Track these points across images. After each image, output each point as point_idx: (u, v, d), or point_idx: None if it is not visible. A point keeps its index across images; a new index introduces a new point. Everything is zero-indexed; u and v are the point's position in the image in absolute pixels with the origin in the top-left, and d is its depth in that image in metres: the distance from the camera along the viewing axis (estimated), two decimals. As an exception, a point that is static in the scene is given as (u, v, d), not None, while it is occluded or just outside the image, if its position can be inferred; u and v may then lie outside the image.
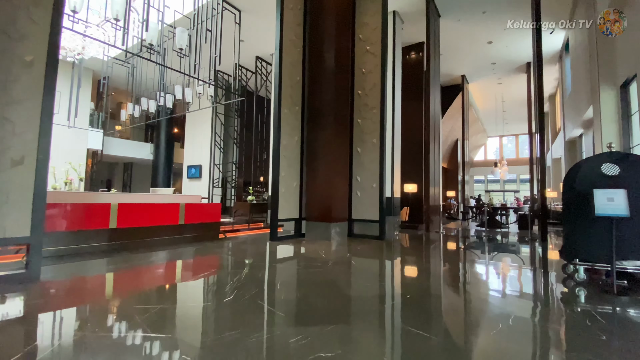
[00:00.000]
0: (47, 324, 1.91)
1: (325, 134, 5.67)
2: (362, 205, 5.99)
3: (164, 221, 4.91)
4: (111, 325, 1.80)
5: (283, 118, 5.51)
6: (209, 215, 5.60)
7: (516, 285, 3.04)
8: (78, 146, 14.12)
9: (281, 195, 5.44)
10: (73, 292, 2.60)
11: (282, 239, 5.45)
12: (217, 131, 13.26)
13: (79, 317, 2.04)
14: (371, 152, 5.95)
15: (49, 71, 2.85)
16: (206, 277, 3.02)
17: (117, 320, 1.90)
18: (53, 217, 3.75)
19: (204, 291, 2.50)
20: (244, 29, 9.92)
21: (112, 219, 4.31)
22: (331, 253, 4.33)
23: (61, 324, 1.94)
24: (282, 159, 5.46)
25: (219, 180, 12.99)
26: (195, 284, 2.67)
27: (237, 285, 2.63)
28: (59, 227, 3.80)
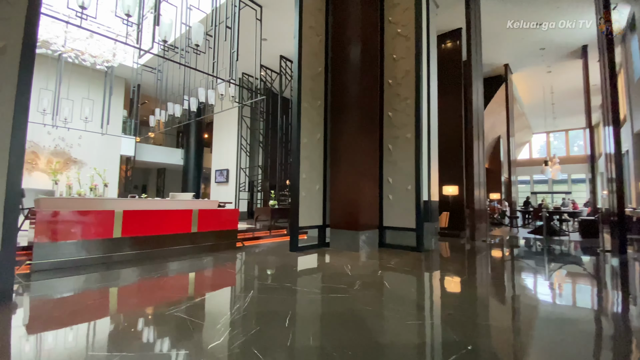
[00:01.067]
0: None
1: (351, 130, 4.99)
2: (394, 211, 5.21)
3: (174, 229, 4.49)
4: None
5: (303, 114, 4.92)
6: (226, 222, 5.12)
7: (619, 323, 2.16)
8: (111, 153, 14.57)
9: (302, 199, 4.83)
10: (42, 320, 2.14)
11: (303, 250, 4.83)
12: (243, 134, 13.04)
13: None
14: (405, 149, 5.17)
15: (25, 60, 2.46)
16: (200, 305, 2.45)
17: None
18: (49, 226, 3.42)
19: (188, 328, 1.93)
20: (266, 27, 9.53)
21: (117, 228, 3.94)
22: (359, 268, 3.62)
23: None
24: (302, 160, 4.85)
25: (245, 184, 12.72)
26: (178, 319, 2.11)
27: (235, 320, 2.03)
28: (55, 237, 3.45)
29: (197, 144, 16.41)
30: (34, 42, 2.49)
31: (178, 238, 4.51)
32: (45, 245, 3.38)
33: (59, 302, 2.50)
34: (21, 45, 2.45)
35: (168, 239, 4.41)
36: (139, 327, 1.94)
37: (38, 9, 2.54)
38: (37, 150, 12.77)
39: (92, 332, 1.93)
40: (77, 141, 13.60)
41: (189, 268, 3.69)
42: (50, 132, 12.57)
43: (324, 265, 3.94)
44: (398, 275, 3.43)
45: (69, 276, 3.17)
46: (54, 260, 3.42)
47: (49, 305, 2.43)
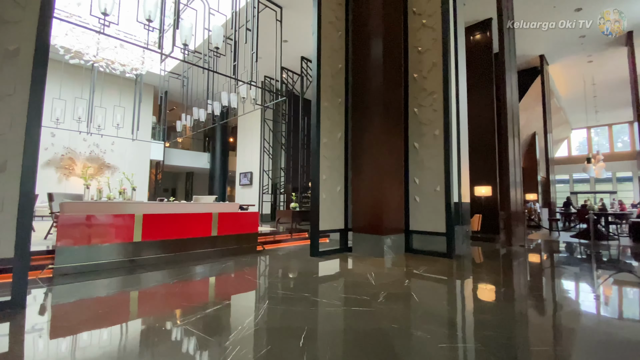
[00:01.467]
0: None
1: (373, 128, 4.71)
2: (422, 214, 4.86)
3: (194, 233, 4.42)
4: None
5: (323, 112, 4.71)
6: (246, 226, 5.01)
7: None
8: (141, 158, 15.10)
9: (322, 202, 4.61)
10: (51, 326, 2.07)
11: (324, 255, 4.61)
12: (265, 137, 13.07)
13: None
14: (432, 146, 4.82)
15: (38, 62, 2.43)
16: (211, 317, 2.29)
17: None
18: (70, 230, 3.43)
19: (194, 345, 1.76)
20: (287, 29, 9.47)
21: (137, 232, 3.91)
22: (383, 277, 3.34)
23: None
24: (322, 160, 4.64)
25: (268, 186, 12.72)
26: (186, 333, 1.96)
27: (245, 336, 1.84)
28: (76, 241, 3.46)
29: (222, 148, 16.71)
30: (46, 45, 2.46)
31: (198, 242, 4.44)
32: (66, 249, 3.39)
33: (67, 309, 2.44)
34: (34, 48, 2.42)
35: (188, 242, 4.35)
36: (141, 342, 1.80)
37: (50, 12, 2.51)
38: (74, 157, 13.48)
39: (91, 344, 1.82)
40: (110, 147, 14.20)
41: (206, 274, 3.57)
42: (86, 138, 13.20)
43: (345, 272, 3.69)
44: (427, 286, 3.12)
45: (86, 281, 3.15)
46: (75, 265, 3.42)
47: (59, 311, 2.37)
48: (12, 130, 2.31)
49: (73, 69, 12.46)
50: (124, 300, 2.65)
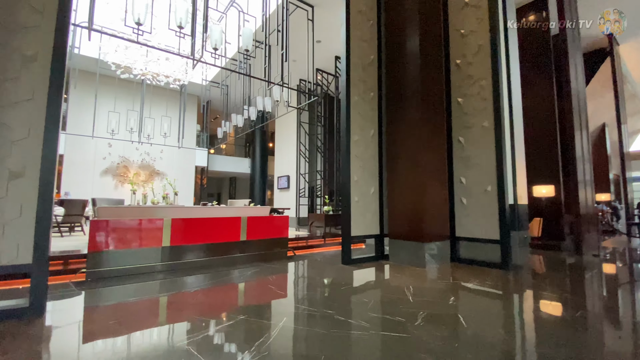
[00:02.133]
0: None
1: (411, 123, 4.24)
2: (470, 218, 4.27)
3: (223, 237, 4.31)
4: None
5: (353, 108, 4.35)
6: (276, 230, 4.80)
7: None
8: (187, 164, 15.87)
9: (354, 205, 4.23)
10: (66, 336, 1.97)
11: (357, 263, 4.22)
12: (301, 140, 12.98)
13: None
14: (480, 141, 4.22)
15: (56, 67, 2.41)
16: (219, 335, 2.05)
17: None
18: (100, 234, 3.46)
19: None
20: (319, 28, 9.25)
21: (165, 236, 3.87)
22: (424, 291, 2.88)
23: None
24: (353, 159, 4.27)
25: (304, 189, 12.58)
26: (185, 355, 1.73)
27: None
28: (107, 246, 3.48)
29: (261, 153, 17.04)
30: (64, 50, 2.44)
31: (227, 247, 4.32)
32: (97, 254, 3.43)
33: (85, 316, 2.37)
34: (51, 53, 2.40)
35: (217, 247, 4.24)
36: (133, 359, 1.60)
37: (68, 17, 2.48)
38: (128, 165, 14.56)
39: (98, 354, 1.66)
40: (160, 155, 15.10)
41: (229, 281, 3.39)
42: (138, 148, 14.17)
43: (379, 284, 3.28)
44: (478, 304, 2.60)
45: (113, 286, 3.12)
46: (105, 269, 3.44)
47: (75, 319, 2.30)
48: (30, 135, 2.30)
49: (125, 83, 13.48)
50: (136, 310, 2.53)
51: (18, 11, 2.31)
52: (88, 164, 13.61)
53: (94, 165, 13.66)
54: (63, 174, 13.17)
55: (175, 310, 2.49)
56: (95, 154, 13.64)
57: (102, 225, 3.48)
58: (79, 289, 3.07)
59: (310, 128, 13.18)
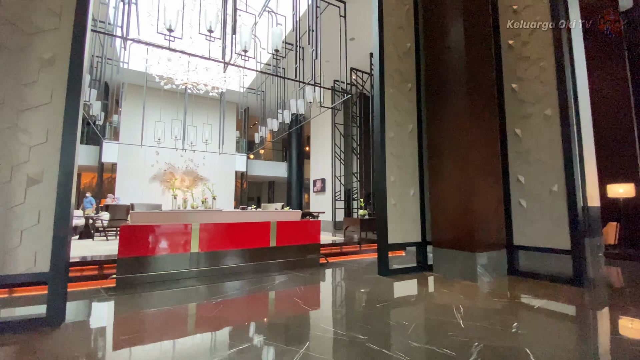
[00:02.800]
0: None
1: (456, 115, 3.72)
2: (532, 223, 3.62)
3: (252, 243, 4.12)
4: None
5: (388, 101, 3.93)
6: (307, 236, 4.52)
7: None
8: (227, 169, 16.34)
9: (391, 209, 3.80)
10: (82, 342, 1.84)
11: (396, 274, 3.77)
12: (336, 142, 12.68)
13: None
14: (542, 132, 3.57)
15: (74, 70, 2.35)
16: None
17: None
18: (129, 240, 3.42)
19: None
20: (353, 25, 8.92)
21: (194, 242, 3.77)
22: (477, 314, 2.38)
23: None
24: (389, 158, 3.85)
25: (340, 193, 12.23)
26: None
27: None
28: (136, 252, 3.44)
29: (297, 156, 17.06)
30: (82, 49, 2.38)
31: (256, 253, 4.12)
32: (127, 260, 3.40)
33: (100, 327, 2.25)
34: (69, 53, 2.35)
35: (245, 254, 4.06)
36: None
37: (85, 20, 2.43)
38: (174, 171, 15.35)
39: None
40: (202, 161, 15.70)
41: (254, 292, 3.16)
42: (182, 155, 14.87)
43: (422, 302, 2.82)
44: (549, 332, 2.06)
45: (139, 293, 3.04)
46: (134, 275, 3.40)
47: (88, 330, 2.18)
48: (48, 140, 2.25)
49: (169, 94, 14.24)
50: (151, 321, 2.36)
51: (35, 13, 2.28)
52: (138, 171, 14.54)
53: (143, 172, 14.56)
54: (117, 180, 14.23)
55: (189, 326, 2.29)
56: (144, 161, 14.53)
57: (131, 231, 3.45)
58: (108, 296, 3.03)
59: (346, 129, 12.83)
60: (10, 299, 2.91)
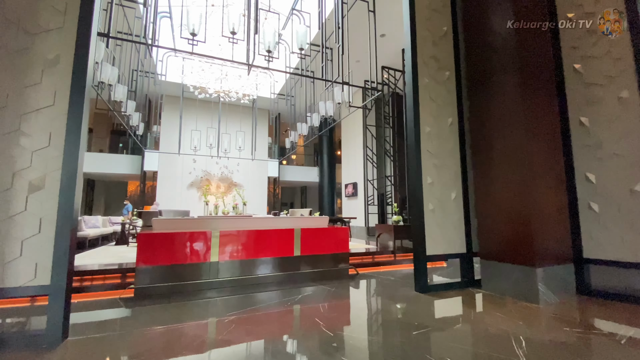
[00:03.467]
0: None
1: (505, 104, 3.17)
2: (605, 230, 2.94)
3: (274, 252, 3.84)
4: None
5: (422, 91, 3.47)
6: (335, 244, 4.15)
7: None
8: (260, 175, 16.48)
9: (429, 215, 3.31)
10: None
11: (437, 290, 3.26)
12: (368, 144, 12.19)
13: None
14: (618, 118, 2.90)
15: (78, 69, 2.23)
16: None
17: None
18: (147, 248, 3.29)
19: None
20: (382, 20, 8.50)
21: (213, 250, 3.56)
22: (545, 350, 1.86)
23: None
24: (425, 157, 3.37)
25: (373, 197, 11.69)
26: None
27: None
28: (153, 261, 3.30)
29: (329, 161, 16.81)
30: (87, 47, 2.25)
31: (278, 263, 3.83)
32: (145, 269, 3.26)
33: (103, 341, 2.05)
34: (73, 53, 2.23)
35: (267, 264, 3.78)
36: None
37: (90, 17, 2.30)
38: (210, 178, 15.77)
39: None
40: (236, 167, 15.98)
41: (271, 308, 2.84)
42: (218, 162, 15.24)
43: (470, 329, 2.32)
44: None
45: (154, 305, 2.86)
46: (151, 286, 3.25)
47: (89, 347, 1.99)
48: (51, 143, 2.13)
49: (204, 104, 14.68)
50: (155, 339, 2.13)
51: (39, 12, 2.18)
52: (177, 179, 15.12)
53: (181, 179, 15.11)
54: (157, 188, 14.91)
55: (191, 347, 2.02)
56: (182, 169, 15.08)
57: (149, 239, 3.32)
58: (125, 307, 2.89)
59: (378, 131, 12.30)
60: (15, 309, 2.86)
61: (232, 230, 3.73)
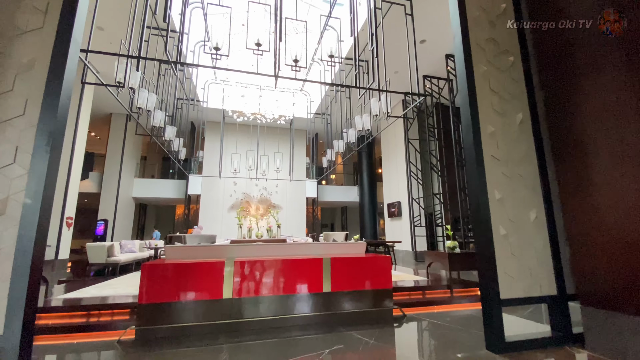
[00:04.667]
0: None
1: (606, 88, 2.29)
2: None
3: (298, 287, 3.18)
4: None
5: (480, 82, 2.70)
6: (374, 277, 3.38)
7: None
8: (298, 196, 16.15)
9: (501, 242, 2.44)
10: None
11: (517, 349, 2.32)
12: (411, 160, 11.24)
13: None
14: None
15: (54, 74, 1.89)
16: None
17: None
18: (151, 282, 2.84)
19: None
20: (422, 24, 7.82)
21: (227, 285, 3.02)
22: None
23: None
24: (490, 165, 2.55)
25: (420, 217, 10.58)
26: None
27: None
28: (157, 297, 2.83)
29: (369, 179, 16.02)
30: (66, 51, 1.92)
31: (303, 301, 3.16)
32: (148, 306, 2.80)
33: None
34: (49, 60, 1.90)
35: (289, 302, 3.13)
36: None
37: (73, 16, 1.99)
38: (249, 200, 15.81)
39: None
40: (275, 189, 15.86)
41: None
42: (257, 184, 15.26)
43: None
44: None
45: (154, 351, 2.34)
46: (154, 327, 2.76)
47: None
48: (16, 160, 1.76)
49: (244, 127, 14.94)
50: None
51: (18, 13, 1.91)
52: (218, 202, 15.35)
53: (222, 202, 15.30)
54: (200, 211, 15.24)
55: None
56: (223, 192, 15.29)
57: (154, 270, 2.87)
58: (120, 354, 2.42)
59: (422, 145, 11.33)
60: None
61: (249, 258, 3.16)
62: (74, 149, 9.01)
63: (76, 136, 9.08)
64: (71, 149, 8.93)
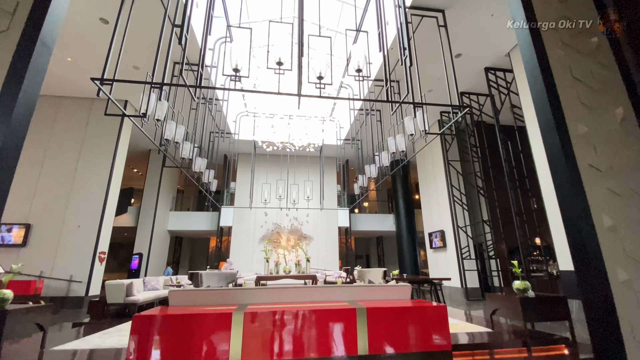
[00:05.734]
0: None
1: None
2: None
3: (324, 349, 2.47)
4: None
5: (558, 69, 2.01)
6: (424, 334, 2.58)
7: None
8: (330, 226, 15.43)
9: (622, 289, 1.61)
10: None
11: None
12: (453, 184, 10.22)
13: None
14: None
15: (10, 82, 1.54)
16: None
17: None
18: (143, 341, 2.29)
19: None
20: (456, 37, 7.23)
21: (234, 344, 2.39)
22: None
23: None
24: (589, 178, 1.78)
25: (468, 248, 9.35)
26: None
27: None
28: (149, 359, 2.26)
29: (406, 206, 14.97)
30: (26, 62, 1.57)
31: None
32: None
33: None
34: (8, 66, 1.56)
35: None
36: None
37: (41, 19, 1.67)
38: (280, 231, 15.34)
39: None
40: (306, 219, 15.34)
41: None
42: (288, 214, 14.86)
43: None
44: None
45: None
46: (142, 400, 2.18)
47: None
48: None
49: (273, 158, 14.87)
50: None
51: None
52: (249, 233, 15.06)
53: (254, 234, 14.98)
54: (231, 243, 15.01)
55: None
56: (254, 223, 15.03)
57: (146, 324, 2.34)
58: None
59: (464, 166, 10.31)
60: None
61: (262, 308, 2.54)
62: (110, 184, 9.22)
63: (113, 171, 9.33)
64: (107, 184, 9.15)
